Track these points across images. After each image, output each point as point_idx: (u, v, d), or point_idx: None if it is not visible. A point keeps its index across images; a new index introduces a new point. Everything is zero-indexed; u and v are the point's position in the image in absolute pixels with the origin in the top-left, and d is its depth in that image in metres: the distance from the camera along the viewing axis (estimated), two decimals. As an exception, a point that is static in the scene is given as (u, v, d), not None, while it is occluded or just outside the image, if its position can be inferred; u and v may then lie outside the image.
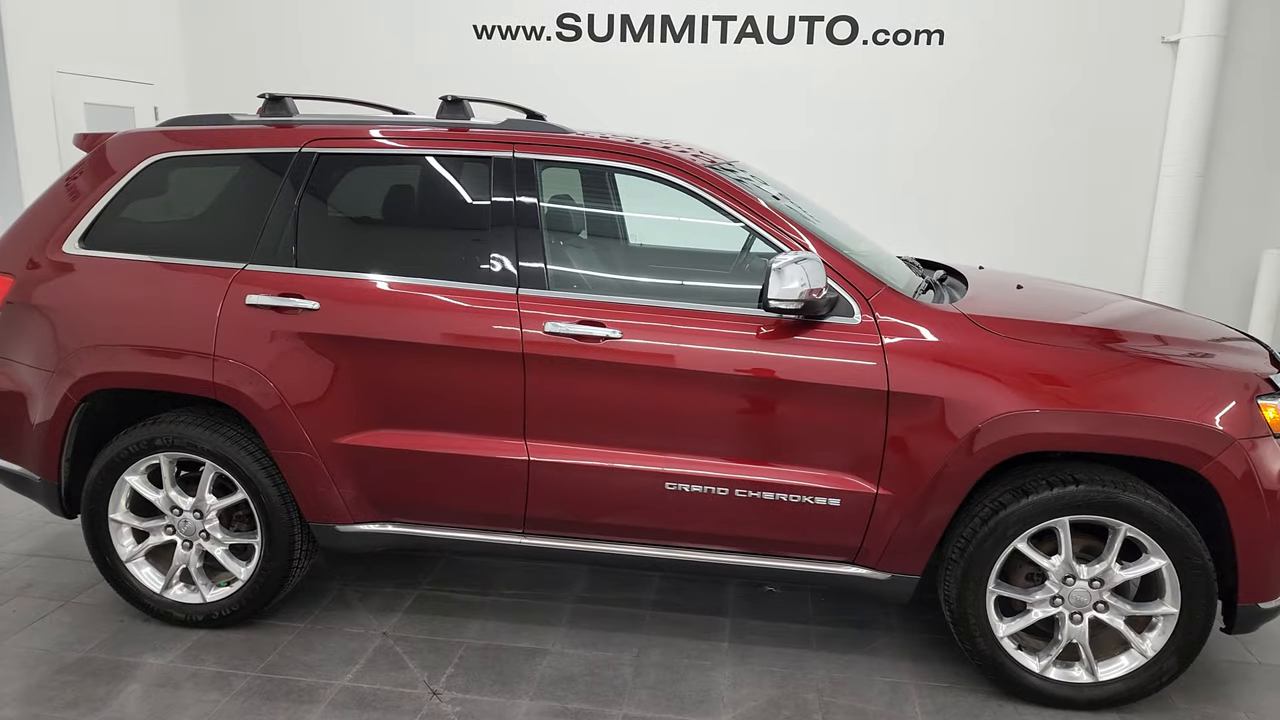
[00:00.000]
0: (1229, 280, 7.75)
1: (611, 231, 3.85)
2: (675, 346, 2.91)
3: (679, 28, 8.02)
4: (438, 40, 8.32)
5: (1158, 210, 7.59)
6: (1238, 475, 2.69)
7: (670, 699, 2.97)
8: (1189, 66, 7.32)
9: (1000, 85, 7.73)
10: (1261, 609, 2.83)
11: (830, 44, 7.86)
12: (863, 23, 7.78)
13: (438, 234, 3.26)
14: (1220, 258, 7.71)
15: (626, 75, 8.11)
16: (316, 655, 3.18)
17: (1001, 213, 7.88)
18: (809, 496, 2.90)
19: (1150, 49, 7.52)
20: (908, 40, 7.78)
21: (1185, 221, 7.50)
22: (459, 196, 3.22)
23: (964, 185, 7.89)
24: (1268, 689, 3.10)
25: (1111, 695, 2.89)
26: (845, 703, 2.97)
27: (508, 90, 8.10)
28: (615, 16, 8.07)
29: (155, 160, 3.23)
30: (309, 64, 8.51)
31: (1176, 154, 7.44)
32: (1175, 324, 3.18)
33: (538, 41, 8.23)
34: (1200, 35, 7.22)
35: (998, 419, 2.73)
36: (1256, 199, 7.65)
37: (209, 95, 8.67)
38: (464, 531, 3.18)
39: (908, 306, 2.91)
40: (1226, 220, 7.66)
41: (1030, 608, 2.91)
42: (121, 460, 3.17)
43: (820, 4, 7.80)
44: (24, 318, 3.23)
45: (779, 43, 7.94)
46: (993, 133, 7.81)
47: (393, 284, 3.04)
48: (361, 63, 8.44)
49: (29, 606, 3.46)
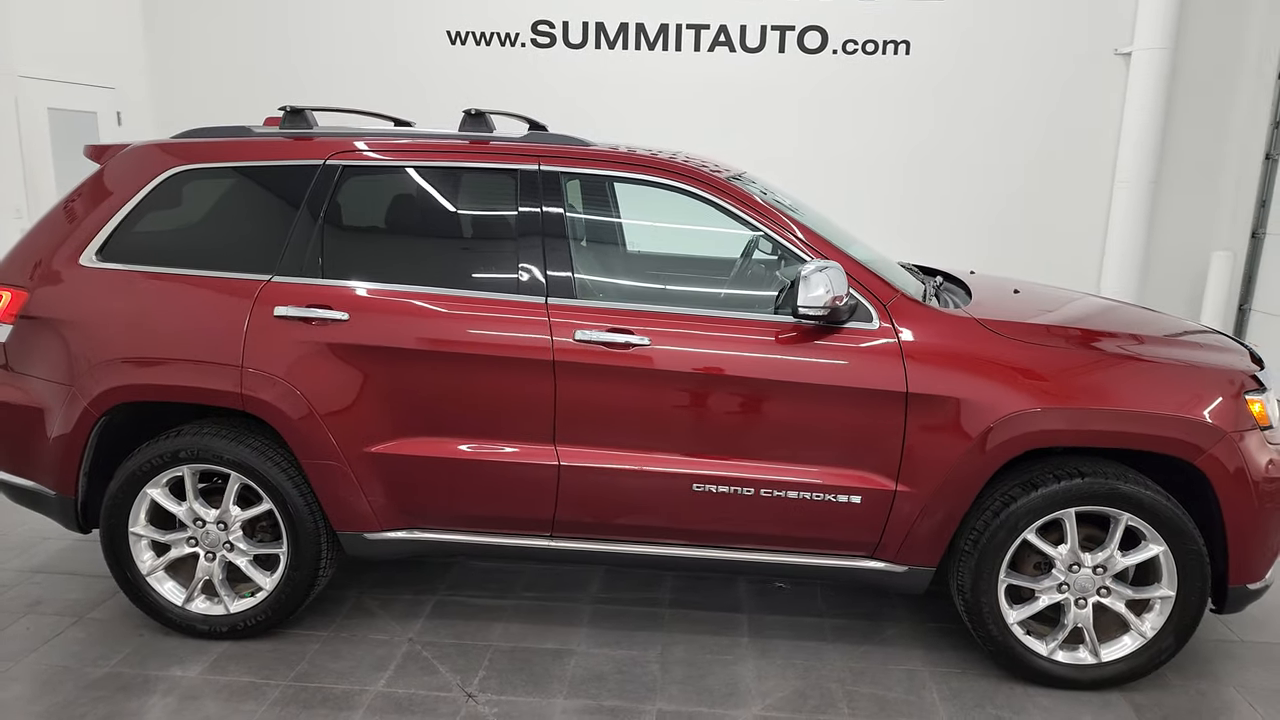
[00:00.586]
0: (1180, 281, 8.12)
1: (632, 241, 3.94)
2: (702, 352, 3.02)
3: (653, 35, 8.13)
4: (410, 46, 8.30)
5: (1113, 215, 7.92)
6: (1229, 466, 2.90)
7: (700, 693, 3.07)
8: (1140, 77, 7.66)
9: (964, 95, 8.00)
10: (1249, 589, 3.04)
11: (801, 53, 8.05)
12: (832, 33, 7.98)
13: (465, 245, 3.32)
14: (1172, 259, 8.07)
15: (600, 82, 8.19)
16: (346, 662, 3.21)
17: (964, 217, 8.14)
18: (831, 494, 3.03)
19: (1104, 61, 7.85)
20: (876, 50, 8.00)
21: (1139, 225, 7.84)
22: (486, 208, 3.29)
23: (928, 191, 8.14)
24: (1252, 664, 3.32)
25: (1115, 675, 3.08)
26: (867, 691, 3.10)
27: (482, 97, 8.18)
28: (590, 24, 8.15)
29: (175, 172, 3.23)
30: (276, 70, 8.43)
31: (1130, 161, 7.78)
32: (1167, 327, 3.39)
33: (512, 48, 8.27)
34: (1150, 48, 7.56)
35: (1010, 417, 2.89)
36: (1205, 204, 8.03)
37: (172, 100, 8.54)
38: (491, 536, 3.25)
39: (922, 312, 3.06)
40: (1177, 224, 8.03)
41: (1039, 595, 3.08)
42: (144, 473, 3.17)
43: (791, 14, 7.99)
44: (40, 331, 3.20)
45: (751, 51, 8.10)
46: (956, 141, 8.07)
47: (422, 294, 3.09)
48: (331, 68, 8.38)
49: (42, 624, 3.43)
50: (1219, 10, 7.69)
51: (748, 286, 3.44)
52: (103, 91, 8.04)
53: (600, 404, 3.06)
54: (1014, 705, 3.03)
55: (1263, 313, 7.69)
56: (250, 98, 8.45)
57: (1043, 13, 7.83)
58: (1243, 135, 7.83)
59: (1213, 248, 7.96)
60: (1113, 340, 3.10)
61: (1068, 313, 3.44)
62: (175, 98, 8.55)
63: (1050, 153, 8.04)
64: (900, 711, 2.99)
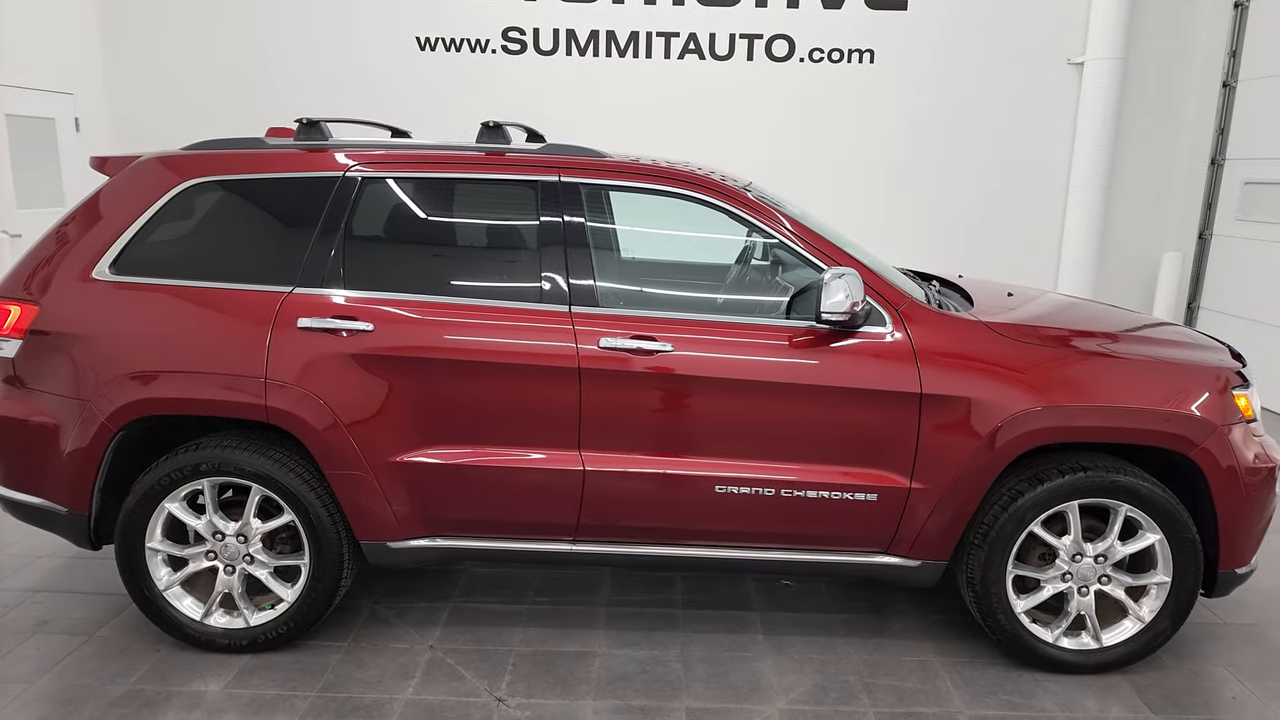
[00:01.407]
0: (1133, 280, 8.47)
1: (649, 250, 4.01)
2: (723, 358, 3.11)
3: (624, 43, 8.21)
4: (377, 52, 8.25)
5: (1068, 217, 8.23)
6: (1220, 458, 3.08)
7: (725, 690, 3.16)
8: (1092, 86, 7.97)
9: (926, 103, 8.24)
10: (1238, 573, 3.23)
11: (770, 61, 8.21)
12: (799, 42, 8.16)
13: (486, 255, 3.36)
14: (1124, 260, 8.42)
15: (571, 89, 8.24)
16: (371, 672, 3.22)
17: (926, 220, 8.37)
18: (849, 493, 3.14)
19: (1058, 70, 8.15)
20: (841, 59, 8.19)
21: (1093, 228, 8.16)
22: (506, 219, 3.34)
23: (892, 195, 8.36)
24: (1239, 645, 3.52)
25: (1116, 658, 3.24)
26: (884, 682, 3.22)
27: (456, 103, 8.18)
28: (560, 30, 8.20)
29: (191, 184, 3.21)
30: (239, 76, 8.30)
31: (1084, 166, 8.09)
32: (1158, 328, 3.57)
33: (482, 54, 8.28)
34: (1101, 58, 7.88)
35: (1018, 415, 3.03)
36: (1155, 207, 8.40)
37: (129, 106, 8.37)
38: (514, 541, 3.29)
39: (933, 316, 3.19)
40: (1129, 226, 8.38)
41: (1044, 584, 3.23)
42: (163, 487, 3.14)
43: (759, 23, 8.14)
44: (52, 346, 3.16)
45: (720, 59, 8.23)
46: (920, 146, 8.32)
47: (446, 304, 3.13)
48: (294, 73, 8.28)
49: (51, 644, 3.36)
50: (1167, 22, 8.05)
51: (765, 293, 3.54)
52: (60, 97, 7.84)
53: (624, 409, 3.12)
54: (1024, 690, 3.18)
55: (1211, 310, 8.05)
56: (211, 104, 8.33)
57: (999, 24, 8.11)
58: (1190, 141, 8.20)
59: (1163, 248, 8.33)
60: (1111, 341, 3.27)
61: (1065, 316, 3.61)
62: (132, 103, 8.39)
63: (1008, 158, 8.32)
64: (918, 700, 3.11)
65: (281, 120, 4.21)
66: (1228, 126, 7.84)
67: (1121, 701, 3.12)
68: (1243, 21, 7.71)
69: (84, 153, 7.92)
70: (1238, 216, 7.68)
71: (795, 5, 8.10)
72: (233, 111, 8.30)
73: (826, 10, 8.11)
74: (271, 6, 8.21)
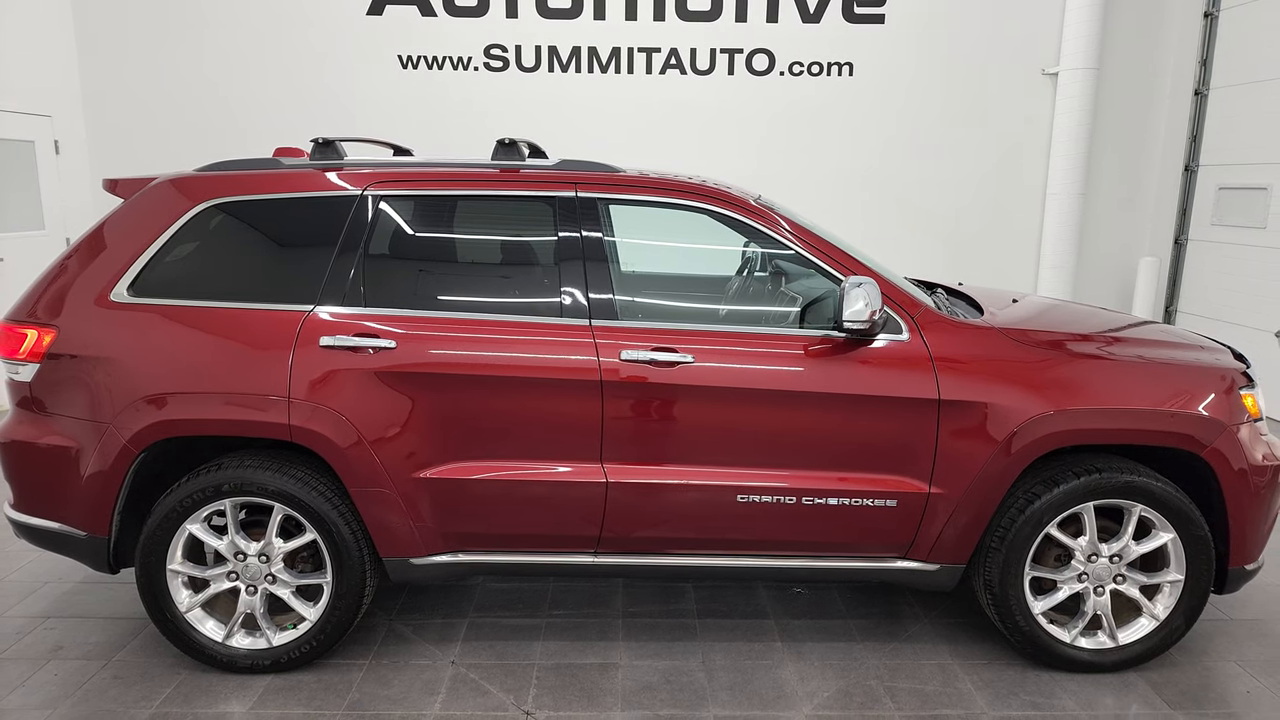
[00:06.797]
0: (1110, 285, 8.66)
1: (666, 262, 4.04)
2: (743, 368, 3.15)
3: (605, 59, 8.28)
4: (358, 71, 8.24)
5: (1046, 225, 8.40)
6: (1230, 457, 3.17)
7: (750, 697, 3.18)
8: (1067, 96, 8.16)
9: (905, 114, 8.39)
10: (1247, 570, 3.32)
11: (751, 75, 8.31)
12: (779, 56, 8.27)
13: (505, 271, 3.38)
14: (1102, 265, 8.61)
15: (554, 106, 8.29)
16: (396, 689, 3.21)
17: (907, 228, 8.51)
18: (869, 499, 3.19)
19: (1034, 81, 8.34)
20: (821, 72, 8.32)
21: (1070, 234, 8.33)
22: (524, 235, 3.36)
23: (872, 205, 8.49)
24: (1246, 640, 3.61)
25: (1132, 656, 3.31)
26: (906, 686, 3.26)
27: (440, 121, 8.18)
28: (542, 47, 8.25)
29: (209, 205, 3.20)
30: (223, 96, 8.25)
31: (1059, 174, 8.28)
32: (1162, 331, 3.66)
33: (465, 72, 8.30)
34: (1075, 68, 8.08)
35: (1035, 419, 3.10)
36: (1131, 213, 8.60)
37: (107, 128, 8.29)
38: (536, 555, 3.30)
39: (948, 323, 3.25)
40: (1106, 233, 8.58)
41: (1060, 585, 3.29)
42: (185, 508, 3.12)
43: (739, 38, 8.24)
44: (70, 369, 3.12)
45: (701, 74, 8.32)
46: (899, 157, 8.46)
47: (468, 320, 3.14)
48: (275, 94, 8.24)
49: (70, 670, 3.32)
50: (1139, 33, 8.28)
51: (780, 303, 3.59)
52: (39, 120, 7.75)
53: (646, 421, 3.15)
54: (1044, 690, 3.23)
55: (1188, 314, 8.24)
56: (193, 125, 8.28)
57: (975, 37, 8.28)
58: (1163, 148, 8.42)
59: (1140, 254, 8.52)
60: (1121, 345, 3.35)
61: (1073, 322, 3.69)
62: (111, 125, 8.31)
63: (985, 167, 8.49)
64: (941, 704, 3.16)
65: (267, 141, 4.18)
66: (1200, 133, 8.06)
67: (1140, 699, 3.19)
68: (1212, 31, 7.94)
69: (64, 175, 7.93)
70: (1213, 221, 7.88)
71: (775, 19, 8.22)
72: (213, 132, 8.25)
73: (805, 24, 8.23)
74: (253, 27, 8.18)
